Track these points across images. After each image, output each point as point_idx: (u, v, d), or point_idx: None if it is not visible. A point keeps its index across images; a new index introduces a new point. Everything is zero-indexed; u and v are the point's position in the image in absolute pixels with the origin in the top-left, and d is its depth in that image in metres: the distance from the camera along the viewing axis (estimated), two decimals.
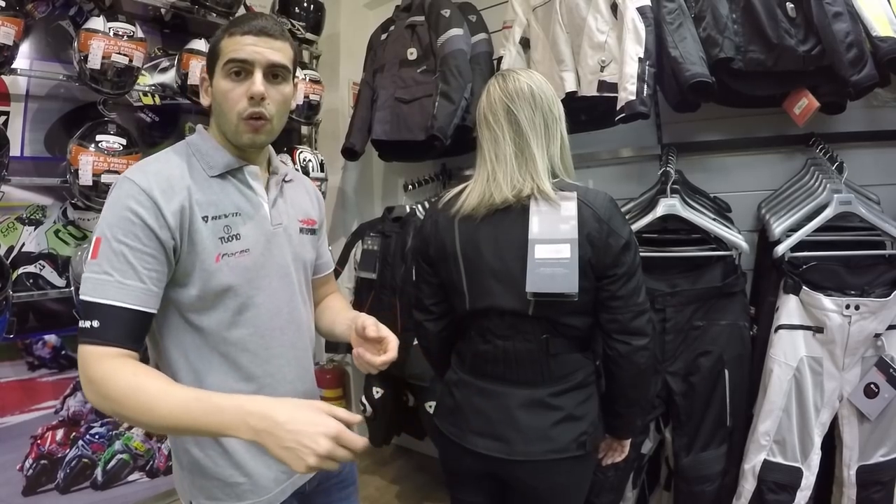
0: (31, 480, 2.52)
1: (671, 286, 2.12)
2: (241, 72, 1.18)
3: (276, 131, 1.26)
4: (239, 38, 1.18)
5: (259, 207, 1.25)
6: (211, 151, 1.23)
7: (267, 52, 1.19)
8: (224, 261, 1.16)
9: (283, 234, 1.29)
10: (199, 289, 1.15)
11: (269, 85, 1.20)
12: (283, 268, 1.28)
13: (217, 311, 1.17)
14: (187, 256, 1.13)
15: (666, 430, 2.21)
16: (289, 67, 1.25)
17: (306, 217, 1.40)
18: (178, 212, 1.11)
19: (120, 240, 1.07)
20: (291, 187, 1.39)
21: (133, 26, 2.44)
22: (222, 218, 1.18)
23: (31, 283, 2.49)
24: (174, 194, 1.12)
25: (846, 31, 1.88)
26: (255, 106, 1.18)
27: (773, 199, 2.33)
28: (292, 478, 1.29)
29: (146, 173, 1.13)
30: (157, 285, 1.10)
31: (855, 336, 1.91)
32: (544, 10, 2.50)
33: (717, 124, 2.51)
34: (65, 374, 2.63)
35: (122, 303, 1.05)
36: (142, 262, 1.07)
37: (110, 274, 1.06)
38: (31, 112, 2.53)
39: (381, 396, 3.00)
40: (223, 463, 1.21)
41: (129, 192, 1.10)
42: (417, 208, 2.96)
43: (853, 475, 1.97)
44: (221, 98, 1.20)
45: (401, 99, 2.93)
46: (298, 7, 3.27)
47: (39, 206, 2.56)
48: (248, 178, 1.25)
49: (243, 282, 1.19)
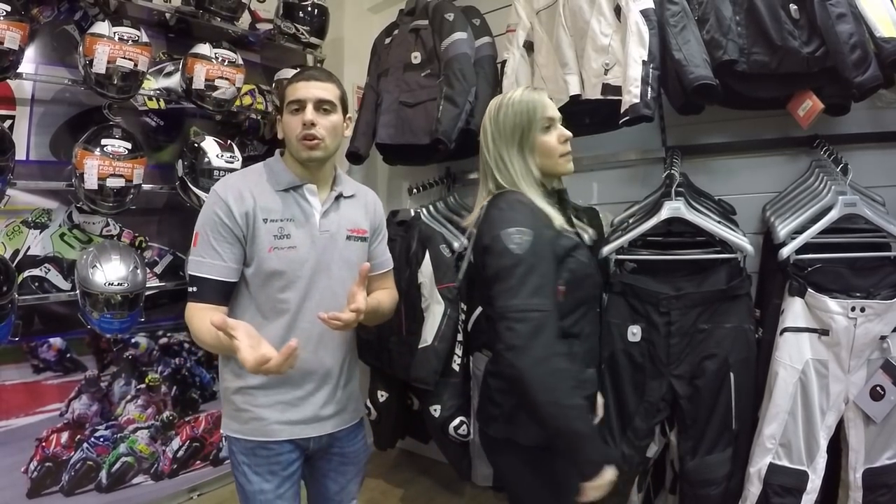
0: (36, 483, 2.53)
1: (676, 289, 2.11)
2: (298, 108, 1.60)
3: (329, 149, 1.64)
4: (296, 85, 1.62)
5: (310, 216, 1.64)
6: (280, 172, 1.66)
7: (315, 91, 1.60)
8: (275, 252, 1.58)
9: (329, 239, 1.65)
10: (255, 269, 1.58)
11: (319, 115, 1.60)
12: (324, 264, 1.64)
13: (266, 287, 1.60)
14: (251, 245, 1.58)
15: (671, 434, 2.20)
16: (334, 102, 1.63)
17: (356, 227, 1.74)
18: (244, 214, 1.56)
19: (207, 233, 1.56)
20: (350, 202, 1.75)
21: (138, 31, 2.46)
22: (278, 221, 1.59)
23: (37, 286, 2.51)
24: (243, 202, 1.57)
25: (850, 33, 1.88)
26: (307, 129, 1.58)
27: (778, 201, 2.33)
28: (290, 427, 1.64)
29: (226, 186, 1.61)
30: (235, 262, 1.57)
31: (860, 338, 1.90)
32: (548, 13, 2.50)
33: (721, 127, 2.51)
34: (69, 377, 2.64)
35: (210, 275, 1.55)
36: (222, 247, 1.55)
37: (203, 257, 1.56)
38: (36, 116, 2.55)
39: (385, 400, 3.00)
40: (241, 400, 1.64)
41: (212, 199, 1.59)
42: (422, 212, 2.95)
43: (859, 478, 1.96)
44: (286, 129, 1.63)
45: (405, 103, 2.94)
46: (302, 11, 3.27)
47: (45, 209, 2.57)
48: (306, 193, 1.65)
49: (287, 269, 1.59)
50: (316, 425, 1.68)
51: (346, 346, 1.75)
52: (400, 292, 2.79)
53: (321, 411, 1.68)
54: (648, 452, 2.21)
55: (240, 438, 1.64)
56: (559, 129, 1.58)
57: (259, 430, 1.62)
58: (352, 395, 1.81)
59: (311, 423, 1.67)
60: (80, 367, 2.67)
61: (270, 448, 1.63)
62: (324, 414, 1.69)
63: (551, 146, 1.57)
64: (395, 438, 3.16)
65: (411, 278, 2.75)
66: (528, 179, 1.56)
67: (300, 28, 3.26)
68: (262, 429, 1.62)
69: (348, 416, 1.78)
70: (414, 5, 3.10)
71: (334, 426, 1.73)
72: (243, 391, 1.63)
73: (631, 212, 2.42)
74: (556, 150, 1.57)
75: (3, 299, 2.16)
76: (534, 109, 1.57)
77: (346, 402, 1.76)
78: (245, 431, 1.63)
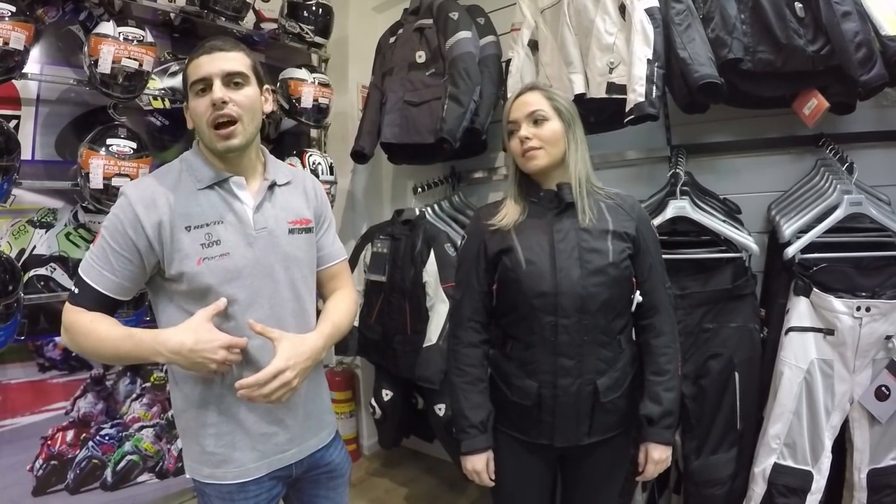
0: (41, 481, 2.53)
1: (681, 288, 2.11)
2: (204, 88, 1.36)
3: (248, 132, 1.40)
4: (197, 61, 1.37)
5: (241, 214, 1.41)
6: (199, 167, 1.42)
7: (220, 64, 1.36)
8: (205, 263, 1.35)
9: (267, 237, 1.43)
10: (187, 286, 1.35)
11: (229, 91, 1.36)
12: (266, 267, 1.42)
13: (205, 303, 1.35)
14: (173, 260, 1.34)
15: (676, 433, 2.20)
16: (245, 73, 1.39)
17: (298, 217, 1.52)
18: (156, 224, 1.33)
19: (107, 239, 1.34)
20: (285, 190, 1.52)
21: (143, 31, 2.46)
22: (203, 227, 1.36)
23: (42, 285, 2.51)
24: (156, 210, 1.34)
25: (855, 31, 1.87)
26: (218, 109, 1.34)
27: (783, 200, 2.32)
28: (268, 459, 1.45)
29: (137, 188, 1.38)
30: (129, 280, 1.36)
31: (866, 338, 1.89)
32: (552, 12, 2.50)
33: (726, 125, 2.50)
34: (75, 376, 2.64)
35: (97, 286, 1.34)
36: (117, 260, 1.33)
37: (95, 262, 1.34)
38: (41, 116, 2.55)
39: (390, 399, 3.00)
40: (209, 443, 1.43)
41: (120, 202, 1.36)
42: (427, 211, 2.96)
43: (864, 479, 1.96)
44: (194, 114, 1.39)
45: (410, 102, 2.94)
46: (307, 11, 3.28)
47: (50, 209, 2.57)
48: (234, 187, 1.42)
49: (223, 281, 1.36)
50: (294, 451, 1.50)
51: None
52: (405, 291, 2.83)
53: (296, 432, 1.50)
54: None
55: (213, 483, 1.43)
56: (522, 128, 1.59)
57: (235, 473, 1.42)
58: (323, 406, 1.62)
59: (287, 448, 1.48)
60: (86, 366, 2.67)
61: (249, 490, 1.43)
62: (299, 435, 1.51)
63: (514, 149, 1.63)
64: (399, 437, 3.16)
65: (416, 277, 2.76)
66: (509, 176, 1.70)
67: (305, 27, 3.27)
68: (239, 470, 1.42)
69: (325, 433, 1.60)
70: (418, 4, 3.09)
71: (316, 444, 1.56)
72: (207, 428, 1.42)
73: None
74: (517, 151, 1.61)
75: (8, 298, 2.17)
76: (505, 113, 1.67)
77: (319, 416, 1.59)
78: (219, 476, 1.42)
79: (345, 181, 3.65)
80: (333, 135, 3.61)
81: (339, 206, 3.56)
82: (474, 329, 1.68)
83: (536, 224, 1.61)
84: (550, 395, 1.57)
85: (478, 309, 1.68)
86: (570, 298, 1.53)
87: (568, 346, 1.54)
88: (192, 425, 1.43)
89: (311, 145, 3.56)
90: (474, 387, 1.65)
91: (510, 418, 1.67)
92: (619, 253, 1.56)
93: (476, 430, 1.64)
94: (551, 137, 1.58)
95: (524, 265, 1.57)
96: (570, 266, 1.54)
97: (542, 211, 1.62)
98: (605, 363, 1.58)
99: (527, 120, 1.59)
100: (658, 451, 1.61)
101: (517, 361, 1.63)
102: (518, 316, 1.61)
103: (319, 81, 3.24)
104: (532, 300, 1.56)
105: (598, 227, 1.58)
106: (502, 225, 1.63)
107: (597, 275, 1.54)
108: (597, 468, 1.69)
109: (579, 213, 1.58)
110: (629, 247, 1.59)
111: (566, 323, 1.54)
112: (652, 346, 1.64)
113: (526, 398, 1.60)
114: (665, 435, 1.60)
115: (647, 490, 2.32)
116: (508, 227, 1.62)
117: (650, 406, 1.60)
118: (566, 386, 1.56)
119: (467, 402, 1.65)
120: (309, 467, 1.56)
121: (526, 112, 1.59)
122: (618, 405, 1.61)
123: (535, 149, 1.57)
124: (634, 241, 1.61)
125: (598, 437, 1.61)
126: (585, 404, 1.57)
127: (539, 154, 1.58)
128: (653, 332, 1.65)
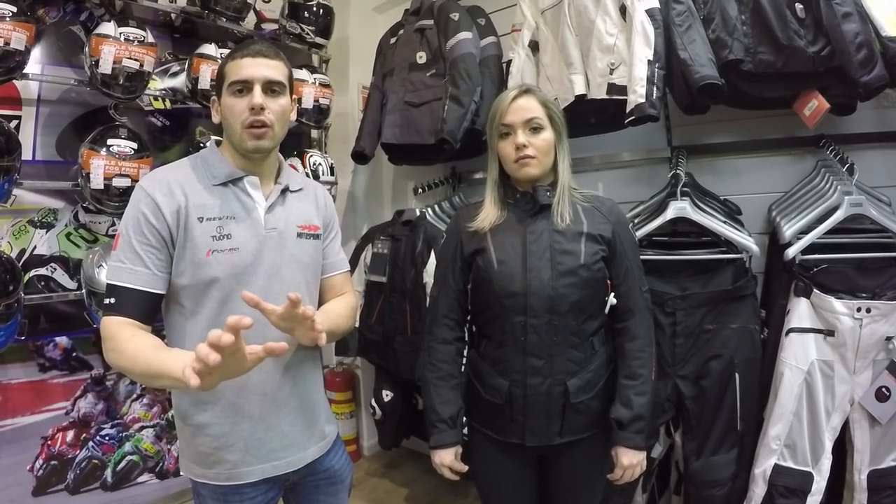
0: (42, 481, 2.54)
1: (681, 289, 2.11)
2: (243, 90, 1.38)
3: (277, 137, 1.45)
4: (239, 62, 1.39)
5: (253, 212, 1.43)
6: (217, 163, 1.44)
7: (264, 70, 1.39)
8: (214, 256, 1.35)
9: (277, 238, 1.45)
10: (190, 279, 1.35)
11: (267, 98, 1.39)
12: (273, 267, 1.43)
13: (206, 300, 1.35)
14: (184, 249, 1.34)
15: (676, 434, 2.21)
16: (283, 83, 1.44)
17: (307, 223, 1.53)
18: (175, 212, 1.33)
19: (130, 234, 1.32)
20: (297, 196, 1.55)
21: (143, 31, 2.47)
22: (216, 220, 1.37)
23: (43, 285, 2.52)
24: (173, 198, 1.34)
25: (856, 32, 1.87)
26: (255, 115, 1.37)
27: (784, 201, 2.32)
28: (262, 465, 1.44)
29: (152, 179, 1.38)
30: (162, 270, 1.34)
31: (866, 339, 1.89)
32: (553, 12, 2.50)
33: (726, 126, 2.50)
34: (75, 376, 2.65)
35: (132, 284, 1.30)
36: (146, 252, 1.32)
37: (123, 262, 1.31)
38: (42, 116, 2.55)
39: (390, 399, 3.01)
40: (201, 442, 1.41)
41: (137, 195, 1.36)
42: (427, 211, 2.96)
43: (864, 480, 1.95)
44: (228, 113, 1.40)
45: (410, 102, 2.93)
46: (308, 11, 3.28)
47: (51, 209, 2.58)
48: (248, 186, 1.44)
49: (229, 275, 1.36)
50: (291, 459, 1.47)
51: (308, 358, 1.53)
52: (405, 292, 2.83)
53: (293, 440, 1.48)
54: (653, 453, 2.21)
55: (207, 483, 1.43)
56: (517, 135, 1.58)
57: (227, 475, 1.41)
58: (322, 410, 1.59)
59: (283, 455, 1.46)
60: (86, 366, 2.68)
61: (244, 492, 1.43)
62: (296, 443, 1.48)
63: (505, 153, 1.62)
64: (399, 438, 3.16)
65: (417, 278, 2.76)
66: (490, 178, 1.69)
67: (305, 28, 3.27)
68: (231, 472, 1.41)
69: (324, 443, 1.57)
70: (419, 5, 3.10)
71: (315, 454, 1.53)
72: (202, 428, 1.40)
73: (636, 212, 2.42)
74: (509, 156, 1.61)
75: (9, 298, 2.17)
76: (493, 115, 1.65)
77: (319, 421, 1.56)
78: (211, 476, 1.42)
79: (345, 182, 3.65)
80: (334, 135, 3.62)
81: (339, 206, 3.55)
82: (448, 326, 1.71)
83: (512, 225, 1.63)
84: (521, 394, 1.58)
85: (453, 307, 1.71)
86: (539, 299, 1.55)
87: (537, 346, 1.56)
88: (188, 424, 1.43)
89: (311, 146, 3.57)
90: (446, 382, 1.67)
91: (485, 417, 1.69)
92: (591, 255, 1.57)
93: (445, 424, 1.65)
94: (545, 147, 1.59)
95: (496, 265, 1.59)
96: (540, 267, 1.56)
97: (519, 213, 1.63)
98: (576, 364, 1.58)
99: (524, 126, 1.58)
100: (628, 456, 1.61)
101: (490, 360, 1.65)
102: (490, 315, 1.63)
103: (320, 82, 3.25)
104: (503, 300, 1.58)
105: (573, 228, 1.58)
106: (480, 227, 1.64)
107: (567, 276, 1.55)
108: (574, 469, 1.69)
109: (554, 214, 1.59)
110: (603, 249, 1.60)
111: (535, 323, 1.55)
112: (626, 349, 1.64)
113: (497, 396, 1.62)
114: (635, 440, 1.59)
115: (647, 491, 2.31)
116: (485, 229, 1.63)
117: (620, 410, 1.59)
118: (536, 385, 1.57)
119: (438, 397, 1.67)
120: (307, 473, 1.54)
121: (524, 118, 1.58)
122: (590, 406, 1.61)
123: (530, 157, 1.57)
124: (609, 243, 1.61)
125: (571, 437, 1.61)
126: (556, 404, 1.58)
127: (533, 163, 1.58)
128: (627, 336, 1.65)
